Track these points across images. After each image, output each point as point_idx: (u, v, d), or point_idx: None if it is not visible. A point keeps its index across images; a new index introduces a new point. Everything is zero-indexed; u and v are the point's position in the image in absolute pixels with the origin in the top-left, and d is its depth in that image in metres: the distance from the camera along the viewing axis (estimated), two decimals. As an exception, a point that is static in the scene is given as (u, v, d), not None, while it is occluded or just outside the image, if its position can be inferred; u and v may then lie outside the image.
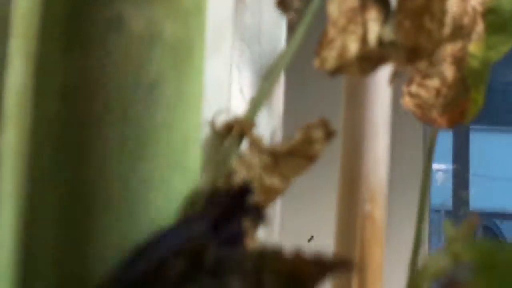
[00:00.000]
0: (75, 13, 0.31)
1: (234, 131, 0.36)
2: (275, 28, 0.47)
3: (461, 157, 2.74)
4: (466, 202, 3.19)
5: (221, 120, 0.37)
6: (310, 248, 0.30)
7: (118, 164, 0.30)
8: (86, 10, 0.31)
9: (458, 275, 0.28)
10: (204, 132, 0.36)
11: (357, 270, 0.43)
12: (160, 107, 0.30)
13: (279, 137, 0.44)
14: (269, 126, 0.43)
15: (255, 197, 0.32)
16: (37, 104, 0.31)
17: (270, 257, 0.30)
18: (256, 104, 0.38)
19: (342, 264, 0.30)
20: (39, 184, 0.31)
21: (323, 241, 0.40)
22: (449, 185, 2.89)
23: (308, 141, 0.38)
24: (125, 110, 0.30)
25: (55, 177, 0.30)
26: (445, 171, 2.56)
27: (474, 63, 0.48)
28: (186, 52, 0.31)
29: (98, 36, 0.30)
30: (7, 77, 0.31)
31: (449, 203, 3.20)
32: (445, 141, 2.58)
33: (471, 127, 2.73)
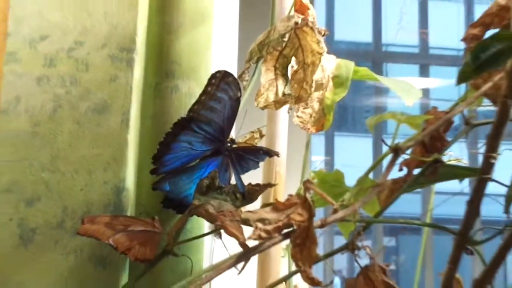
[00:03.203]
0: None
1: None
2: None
3: (329, 152, 3.65)
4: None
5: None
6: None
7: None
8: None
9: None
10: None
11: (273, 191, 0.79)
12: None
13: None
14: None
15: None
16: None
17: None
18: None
19: (269, 185, 0.64)
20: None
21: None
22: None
23: (253, 138, 0.69)
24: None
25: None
26: (321, 161, 3.21)
27: (328, 101, 0.68)
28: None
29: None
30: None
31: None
32: (320, 142, 3.35)
33: (335, 133, 3.68)
